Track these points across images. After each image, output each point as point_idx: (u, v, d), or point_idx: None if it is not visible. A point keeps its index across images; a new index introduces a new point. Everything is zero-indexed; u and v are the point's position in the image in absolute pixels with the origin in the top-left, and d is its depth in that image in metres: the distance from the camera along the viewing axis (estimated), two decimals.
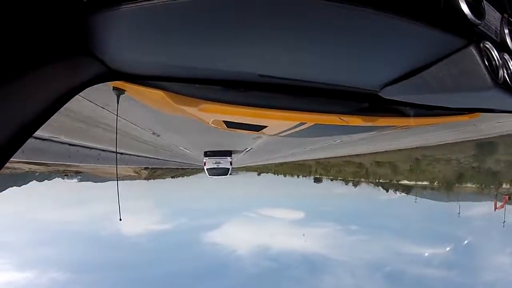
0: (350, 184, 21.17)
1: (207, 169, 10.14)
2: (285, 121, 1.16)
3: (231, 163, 10.14)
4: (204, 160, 9.98)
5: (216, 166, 10.02)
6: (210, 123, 1.41)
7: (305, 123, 1.16)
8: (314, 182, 22.88)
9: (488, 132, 5.06)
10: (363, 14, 0.51)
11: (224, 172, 10.25)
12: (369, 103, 0.95)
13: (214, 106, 0.93)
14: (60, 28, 0.50)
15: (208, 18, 0.53)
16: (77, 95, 0.60)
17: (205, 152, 9.98)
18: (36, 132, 0.51)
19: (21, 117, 0.49)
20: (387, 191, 19.11)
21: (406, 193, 18.38)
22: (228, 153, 9.88)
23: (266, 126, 1.34)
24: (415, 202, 17.79)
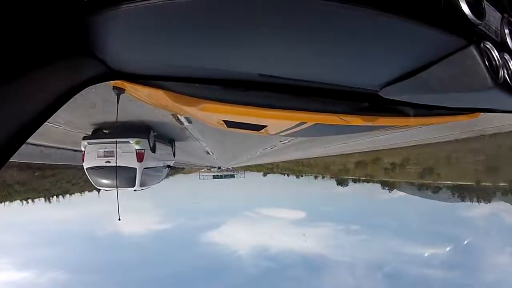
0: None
1: (87, 169, 4.53)
2: (285, 120, 1.17)
3: (141, 157, 4.21)
4: (83, 150, 4.42)
5: (105, 164, 4.24)
6: (210, 122, 1.42)
7: (306, 122, 1.16)
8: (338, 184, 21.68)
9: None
10: (363, 14, 0.52)
11: (124, 180, 4.28)
12: (369, 103, 0.96)
13: (214, 105, 0.93)
14: (61, 28, 0.50)
15: (208, 17, 0.53)
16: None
17: (92, 132, 4.45)
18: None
19: (21, 117, 0.49)
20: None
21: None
22: (141, 131, 4.24)
23: (266, 126, 1.34)
24: None
